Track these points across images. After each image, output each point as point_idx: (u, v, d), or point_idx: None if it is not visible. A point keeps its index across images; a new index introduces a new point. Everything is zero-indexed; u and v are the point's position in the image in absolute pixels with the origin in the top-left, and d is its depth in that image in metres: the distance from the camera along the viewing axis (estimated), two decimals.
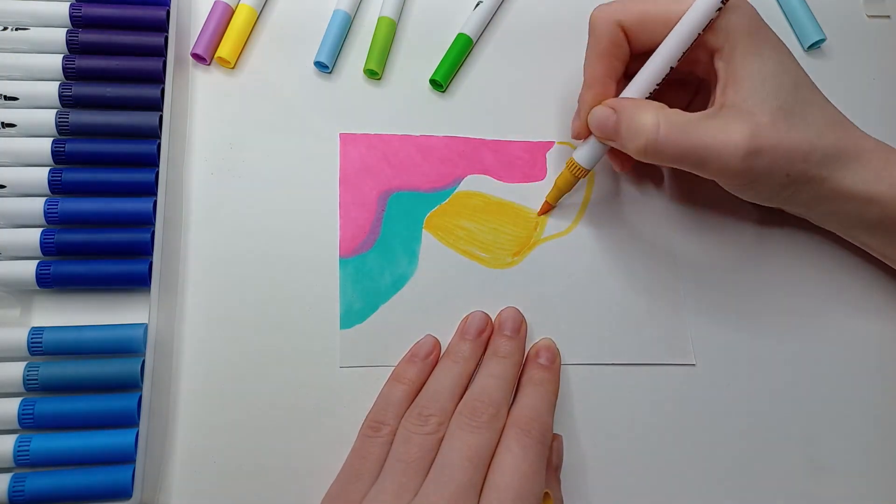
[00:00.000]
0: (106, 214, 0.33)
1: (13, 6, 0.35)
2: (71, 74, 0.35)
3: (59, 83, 0.34)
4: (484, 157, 0.37)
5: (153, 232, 0.33)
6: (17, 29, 0.35)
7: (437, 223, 0.36)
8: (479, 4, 0.40)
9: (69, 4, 0.35)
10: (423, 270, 0.35)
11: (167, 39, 0.36)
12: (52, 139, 0.33)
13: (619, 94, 0.33)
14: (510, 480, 0.26)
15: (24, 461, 0.29)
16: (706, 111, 0.32)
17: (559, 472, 0.31)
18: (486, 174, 0.37)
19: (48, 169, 0.33)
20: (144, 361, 0.31)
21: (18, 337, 0.30)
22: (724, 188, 0.33)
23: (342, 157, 0.36)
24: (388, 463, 0.28)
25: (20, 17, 0.35)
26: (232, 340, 0.33)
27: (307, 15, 0.39)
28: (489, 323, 0.33)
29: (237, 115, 0.37)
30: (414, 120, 0.38)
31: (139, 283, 0.32)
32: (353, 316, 0.33)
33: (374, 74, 0.38)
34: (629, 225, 0.37)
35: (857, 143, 0.32)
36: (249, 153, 0.36)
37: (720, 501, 0.32)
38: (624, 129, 0.31)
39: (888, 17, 0.43)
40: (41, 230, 0.32)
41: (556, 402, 0.31)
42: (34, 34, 0.35)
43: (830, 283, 0.37)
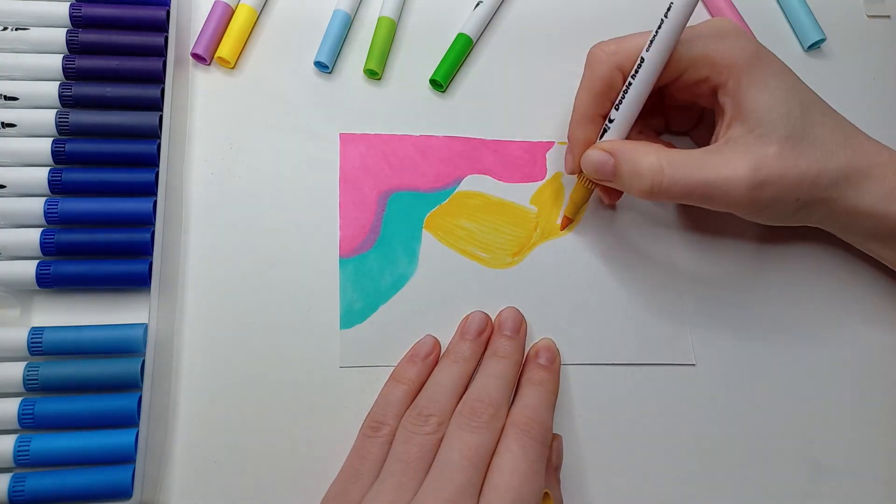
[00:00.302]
0: (106, 214, 0.33)
1: (13, 6, 0.35)
2: (71, 74, 0.35)
3: (59, 83, 0.34)
4: (484, 157, 0.37)
5: (153, 232, 0.33)
6: (17, 29, 0.35)
7: (437, 223, 0.36)
8: (479, 4, 0.40)
9: (69, 4, 0.35)
10: (423, 270, 0.35)
11: (167, 39, 0.36)
12: (52, 139, 0.33)
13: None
14: (510, 480, 0.26)
15: (24, 461, 0.29)
16: (709, 147, 0.32)
17: (559, 472, 0.31)
18: (486, 174, 0.37)
19: (48, 169, 0.33)
20: (144, 361, 0.31)
21: (18, 337, 0.30)
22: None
23: (342, 157, 0.36)
24: (387, 463, 0.28)
25: (20, 17, 0.35)
26: (232, 340, 0.33)
27: (307, 15, 0.39)
28: (489, 323, 0.33)
29: (237, 115, 0.37)
30: (414, 120, 0.38)
31: (139, 283, 0.32)
32: (353, 316, 0.33)
33: (374, 74, 0.38)
34: (629, 225, 0.37)
35: (869, 158, 0.32)
36: (249, 153, 0.36)
37: (720, 501, 0.32)
38: (625, 172, 0.31)
39: (888, 17, 0.43)
40: (41, 230, 0.32)
41: (555, 402, 0.31)
42: (34, 34, 0.35)
43: (831, 283, 0.37)
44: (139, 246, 0.32)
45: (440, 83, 0.38)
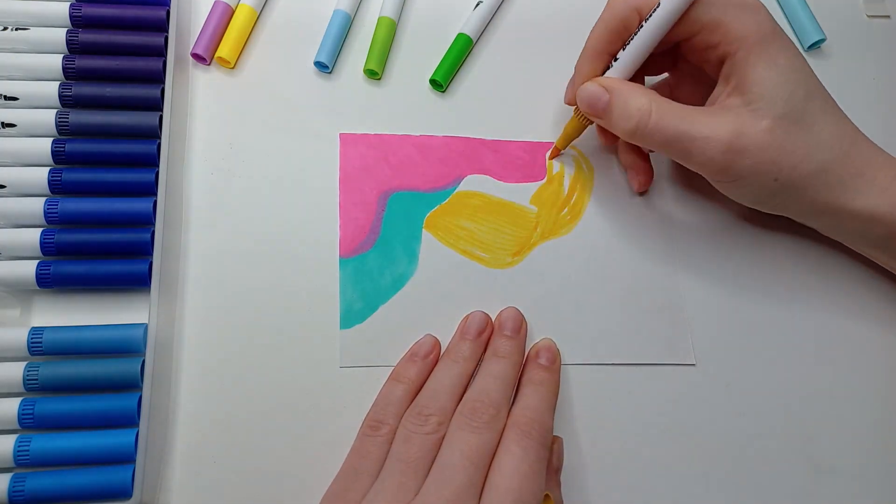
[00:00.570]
0: (106, 214, 0.33)
1: (13, 6, 0.35)
2: (71, 74, 0.35)
3: (59, 83, 0.34)
4: (484, 157, 0.37)
5: (153, 232, 0.33)
6: (17, 29, 0.35)
7: (437, 223, 0.36)
8: (479, 4, 0.40)
9: (69, 4, 0.35)
10: (423, 270, 0.35)
11: (167, 39, 0.36)
12: (52, 139, 0.33)
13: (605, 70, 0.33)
14: (510, 481, 0.26)
15: (24, 461, 0.29)
16: (702, 107, 0.32)
17: (559, 473, 0.31)
18: (486, 174, 0.37)
19: (48, 169, 0.33)
20: (144, 361, 0.31)
21: (18, 337, 0.30)
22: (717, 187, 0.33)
23: (342, 157, 0.36)
24: (387, 462, 0.28)
25: (20, 17, 0.35)
26: (232, 340, 0.33)
27: (307, 15, 0.39)
28: (489, 323, 0.33)
29: (237, 115, 0.37)
30: (414, 120, 0.38)
31: (139, 283, 0.32)
32: (353, 316, 0.33)
33: (374, 74, 0.38)
34: (629, 225, 0.37)
35: (864, 158, 0.32)
36: (249, 153, 0.36)
37: (720, 501, 0.32)
38: (616, 109, 0.32)
39: (888, 17, 0.43)
40: (41, 230, 0.32)
41: (556, 402, 0.31)
42: (34, 34, 0.35)
43: (831, 283, 0.37)
44: (139, 246, 0.32)
45: (440, 83, 0.38)
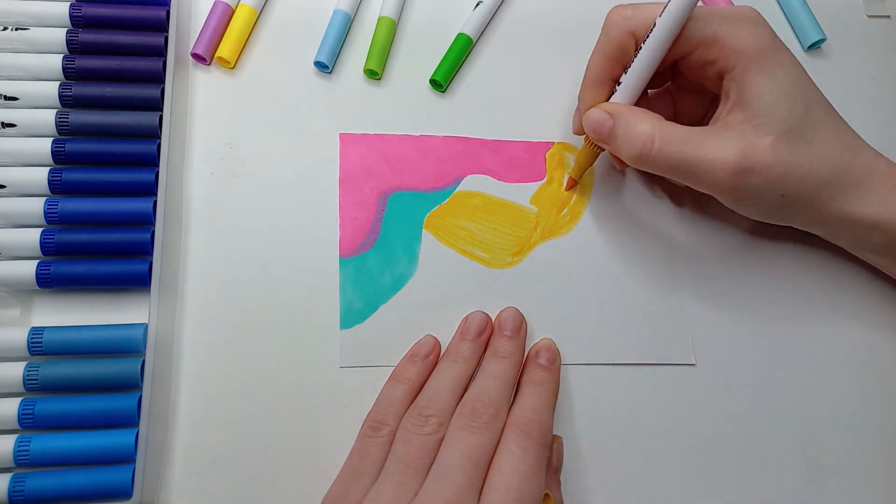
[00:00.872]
0: (106, 214, 0.33)
1: (13, 6, 0.35)
2: (71, 74, 0.35)
3: (59, 83, 0.34)
4: (484, 157, 0.37)
5: (153, 232, 0.33)
6: (17, 29, 0.35)
7: (437, 223, 0.36)
8: (479, 4, 0.40)
9: (69, 4, 0.35)
10: (423, 270, 0.35)
11: (167, 39, 0.36)
12: (52, 139, 0.33)
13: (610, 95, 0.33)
14: (510, 481, 0.26)
15: (24, 461, 0.29)
16: (705, 127, 0.32)
17: (559, 473, 0.31)
18: (486, 174, 0.37)
19: (48, 169, 0.33)
20: (144, 361, 0.31)
21: (18, 337, 0.30)
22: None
23: (342, 157, 0.36)
24: (387, 463, 0.28)
25: (20, 17, 0.35)
26: (232, 340, 0.33)
27: (307, 15, 0.39)
28: (489, 323, 0.33)
29: (237, 115, 0.37)
30: (414, 120, 0.38)
31: (139, 283, 0.32)
32: (353, 316, 0.33)
33: (374, 74, 0.38)
34: (629, 225, 0.37)
35: (865, 166, 0.32)
36: (249, 153, 0.36)
37: (720, 501, 0.32)
38: (620, 135, 0.32)
39: (888, 17, 0.43)
40: (41, 230, 0.32)
41: (556, 402, 0.31)
42: (34, 34, 0.35)
43: (831, 283, 0.37)
44: (139, 246, 0.32)
45: (440, 83, 0.38)
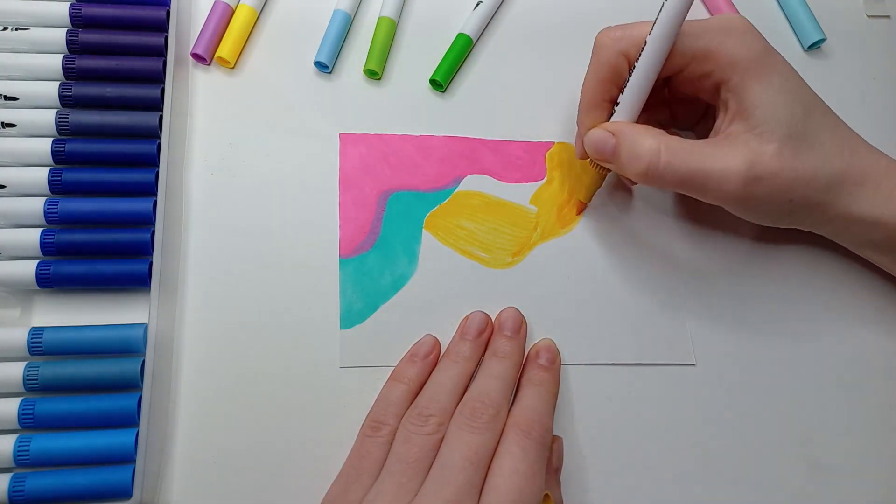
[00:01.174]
0: (106, 214, 0.33)
1: (13, 6, 0.35)
2: (71, 74, 0.35)
3: (59, 83, 0.34)
4: (484, 157, 0.37)
5: (153, 232, 0.33)
6: (17, 29, 0.35)
7: (437, 223, 0.36)
8: (479, 4, 0.40)
9: (69, 4, 0.35)
10: (423, 270, 0.35)
11: (167, 39, 0.36)
12: (52, 139, 0.33)
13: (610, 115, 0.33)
14: (510, 482, 0.26)
15: (24, 461, 0.29)
16: (709, 139, 0.32)
17: (559, 473, 0.31)
18: (486, 174, 0.37)
19: (48, 169, 0.33)
20: (144, 361, 0.31)
21: (18, 337, 0.30)
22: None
23: (342, 157, 0.36)
24: (388, 463, 0.28)
25: (20, 17, 0.35)
26: (232, 340, 0.33)
27: (307, 15, 0.39)
28: (489, 323, 0.33)
29: (237, 115, 0.37)
30: (414, 120, 0.38)
31: (139, 283, 0.32)
32: (353, 316, 0.33)
33: (374, 74, 0.38)
34: (629, 225, 0.37)
35: (866, 165, 0.32)
36: (249, 153, 0.36)
37: (720, 501, 0.32)
38: (624, 153, 0.31)
39: (888, 17, 0.43)
40: (41, 230, 0.32)
41: (556, 402, 0.31)
42: (34, 34, 0.35)
43: (830, 284, 0.37)
44: (139, 246, 0.32)
45: (440, 83, 0.38)
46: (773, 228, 0.35)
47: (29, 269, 0.31)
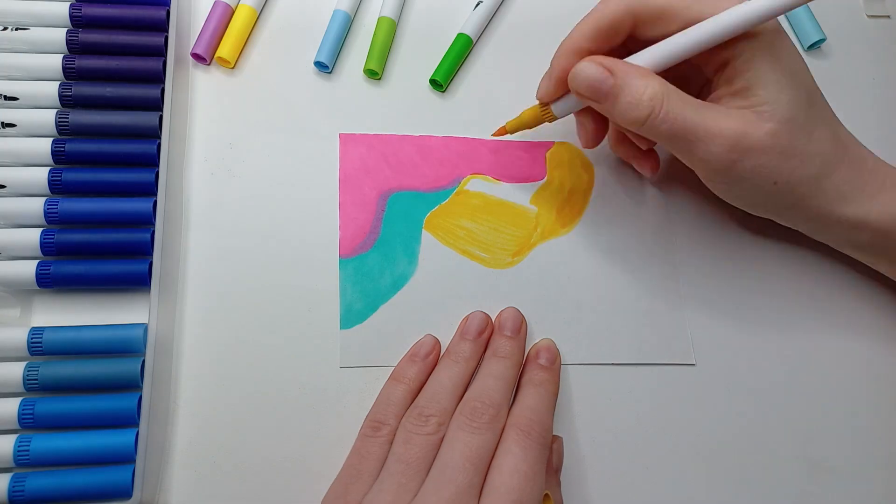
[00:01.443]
0: (106, 214, 0.33)
1: (13, 6, 0.35)
2: (71, 74, 0.35)
3: (59, 83, 0.34)
4: (484, 157, 0.37)
5: (153, 232, 0.33)
6: (17, 29, 0.35)
7: (437, 223, 0.36)
8: (479, 4, 0.40)
9: (69, 4, 0.35)
10: (423, 270, 0.35)
11: (167, 39, 0.36)
12: (52, 139, 0.33)
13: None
14: (510, 482, 0.26)
15: (24, 461, 0.29)
16: (710, 103, 0.31)
17: (559, 473, 0.31)
18: (486, 174, 0.37)
19: (48, 169, 0.33)
20: (144, 361, 0.31)
21: (18, 337, 0.30)
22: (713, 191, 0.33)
23: (342, 157, 0.36)
24: (388, 463, 0.28)
25: (20, 17, 0.35)
26: (232, 340, 0.33)
27: (307, 15, 0.39)
28: (489, 323, 0.33)
29: (237, 115, 0.37)
30: (414, 120, 0.38)
31: (139, 283, 0.32)
32: (353, 316, 0.33)
33: (374, 74, 0.38)
34: (629, 225, 0.37)
35: (855, 166, 0.32)
36: (249, 153, 0.36)
37: (720, 501, 0.32)
38: (625, 96, 0.30)
39: (888, 16, 0.43)
40: (41, 230, 0.32)
41: (556, 402, 0.31)
42: (34, 34, 0.35)
43: (831, 284, 0.37)
44: (139, 246, 0.32)
45: (440, 83, 0.38)
46: (775, 229, 0.35)
47: (29, 269, 0.31)
